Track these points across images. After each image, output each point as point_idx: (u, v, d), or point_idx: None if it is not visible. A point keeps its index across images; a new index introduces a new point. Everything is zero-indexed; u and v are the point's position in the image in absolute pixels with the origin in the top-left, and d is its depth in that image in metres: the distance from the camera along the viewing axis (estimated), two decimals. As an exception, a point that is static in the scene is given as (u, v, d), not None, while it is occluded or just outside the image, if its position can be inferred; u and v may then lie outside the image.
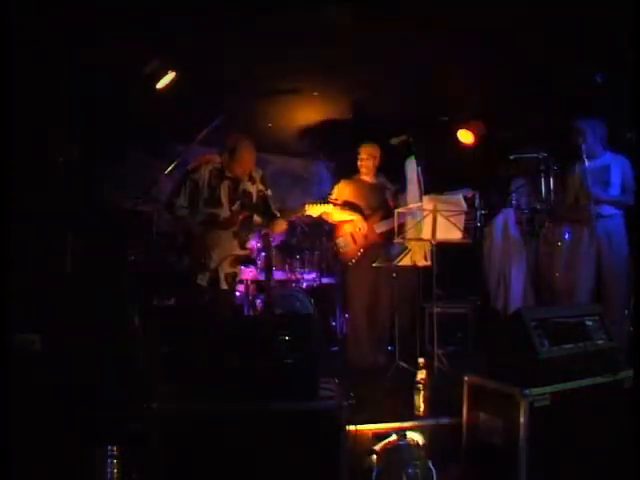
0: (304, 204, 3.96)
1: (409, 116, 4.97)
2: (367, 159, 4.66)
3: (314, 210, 3.96)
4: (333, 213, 4.43)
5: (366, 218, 4.53)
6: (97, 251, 4.61)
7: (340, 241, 4.56)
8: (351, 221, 4.53)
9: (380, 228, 4.53)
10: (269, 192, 4.04)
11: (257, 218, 3.95)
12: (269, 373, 2.59)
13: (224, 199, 3.81)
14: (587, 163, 4.04)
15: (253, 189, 3.96)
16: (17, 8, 2.81)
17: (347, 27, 3.89)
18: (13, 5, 2.55)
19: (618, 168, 4.14)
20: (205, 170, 3.77)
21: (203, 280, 3.71)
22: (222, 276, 3.77)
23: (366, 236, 4.51)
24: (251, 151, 3.85)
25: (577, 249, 4.21)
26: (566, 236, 4.51)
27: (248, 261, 5.35)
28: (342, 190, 4.67)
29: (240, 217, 3.84)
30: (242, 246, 3.88)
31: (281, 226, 3.95)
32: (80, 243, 4.23)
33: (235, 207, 3.85)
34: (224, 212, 3.80)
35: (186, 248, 3.77)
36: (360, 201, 4.60)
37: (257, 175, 4.00)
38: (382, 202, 4.65)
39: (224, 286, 3.77)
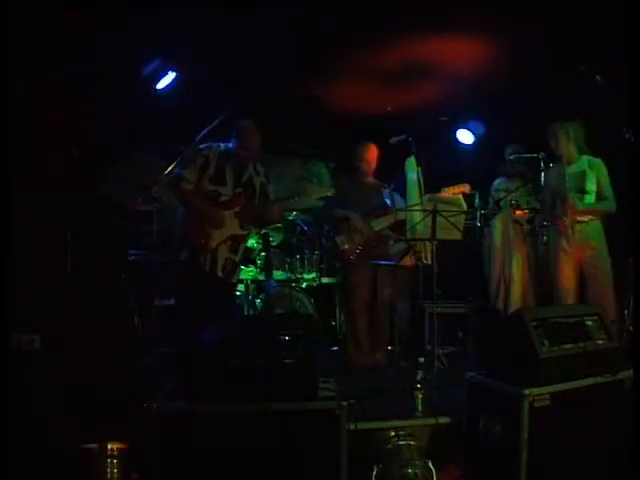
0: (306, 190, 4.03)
1: (409, 116, 4.97)
2: (367, 159, 4.66)
3: (316, 192, 4.03)
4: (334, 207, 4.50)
5: (365, 217, 4.53)
6: (97, 251, 4.61)
7: (338, 239, 4.56)
8: (349, 219, 4.54)
9: (378, 226, 4.53)
10: (270, 187, 4.08)
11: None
12: (269, 373, 2.59)
13: (229, 180, 3.87)
14: (565, 167, 4.06)
15: (257, 180, 4.01)
16: (17, 7, 2.81)
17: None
18: (14, 4, 2.55)
19: (593, 174, 4.07)
20: (216, 149, 3.88)
21: (205, 263, 3.74)
22: (220, 261, 3.79)
23: (364, 234, 4.51)
24: (254, 134, 3.90)
25: (558, 251, 4.21)
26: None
27: (248, 259, 5.36)
28: (342, 190, 4.67)
29: (242, 199, 3.89)
30: (242, 227, 3.90)
31: (274, 212, 3.95)
32: (80, 243, 4.23)
33: (238, 190, 3.90)
34: (227, 191, 3.86)
35: (185, 240, 3.79)
36: (360, 200, 4.60)
37: (261, 169, 4.05)
38: (381, 202, 4.65)
39: (220, 272, 3.79)
